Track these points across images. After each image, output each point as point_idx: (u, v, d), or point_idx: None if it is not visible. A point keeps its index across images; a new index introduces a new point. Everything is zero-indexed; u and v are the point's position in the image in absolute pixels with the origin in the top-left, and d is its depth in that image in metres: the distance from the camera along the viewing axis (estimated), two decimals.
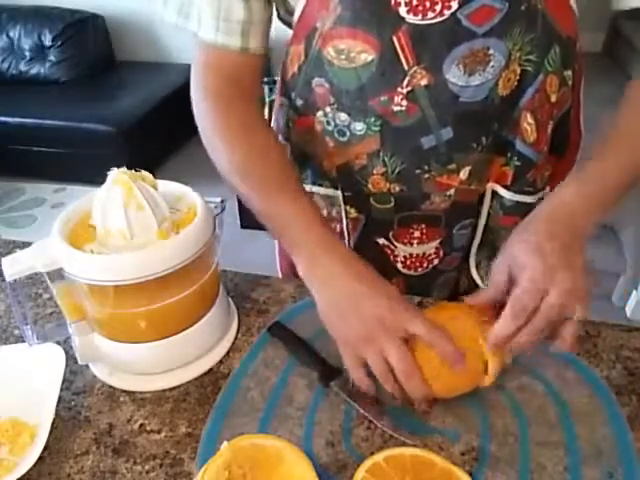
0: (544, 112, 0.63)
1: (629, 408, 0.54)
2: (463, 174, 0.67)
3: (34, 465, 0.49)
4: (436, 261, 0.76)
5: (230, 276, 0.74)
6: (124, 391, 0.59)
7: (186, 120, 0.74)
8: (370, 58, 0.58)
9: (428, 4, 0.55)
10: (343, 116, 0.64)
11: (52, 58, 2.91)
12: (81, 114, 2.61)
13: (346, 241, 0.75)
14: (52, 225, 0.55)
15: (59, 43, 2.88)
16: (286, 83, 0.70)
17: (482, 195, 0.71)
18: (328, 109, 0.65)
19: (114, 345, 0.58)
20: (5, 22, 2.94)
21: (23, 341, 0.58)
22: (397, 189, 0.69)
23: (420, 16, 0.55)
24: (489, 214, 0.72)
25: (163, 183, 0.60)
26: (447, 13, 0.55)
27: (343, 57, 0.60)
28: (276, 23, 0.68)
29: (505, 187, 0.69)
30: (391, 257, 0.76)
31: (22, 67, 2.95)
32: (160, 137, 2.83)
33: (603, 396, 0.55)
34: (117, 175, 0.53)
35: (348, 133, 0.66)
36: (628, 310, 1.97)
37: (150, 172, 0.57)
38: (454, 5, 0.55)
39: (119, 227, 0.53)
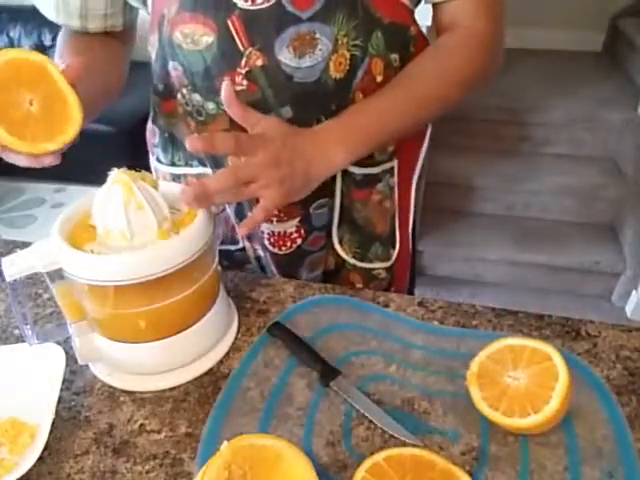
0: (372, 92, 0.67)
1: (629, 408, 0.54)
2: None
3: (34, 465, 0.49)
4: (299, 240, 0.77)
5: (230, 276, 0.74)
6: (124, 391, 0.59)
7: None
8: (211, 40, 0.63)
9: None
10: (197, 97, 0.68)
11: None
12: None
13: (224, 216, 0.79)
14: (52, 225, 0.55)
15: None
16: (151, 70, 0.74)
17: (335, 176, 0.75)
18: (185, 91, 0.69)
19: (114, 345, 0.58)
20: (5, 22, 2.93)
21: (23, 341, 0.59)
22: None
23: (250, 2, 0.61)
24: (342, 192, 0.76)
25: (163, 183, 0.60)
26: None
27: (189, 41, 0.64)
28: None
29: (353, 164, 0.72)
30: (259, 234, 0.78)
31: None
32: None
33: (603, 396, 0.55)
34: (117, 175, 0.54)
35: (204, 113, 0.69)
36: (628, 310, 1.97)
37: (150, 172, 0.57)
38: None
39: (119, 227, 0.53)
